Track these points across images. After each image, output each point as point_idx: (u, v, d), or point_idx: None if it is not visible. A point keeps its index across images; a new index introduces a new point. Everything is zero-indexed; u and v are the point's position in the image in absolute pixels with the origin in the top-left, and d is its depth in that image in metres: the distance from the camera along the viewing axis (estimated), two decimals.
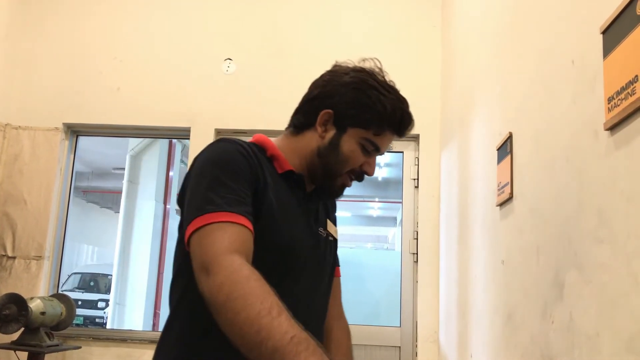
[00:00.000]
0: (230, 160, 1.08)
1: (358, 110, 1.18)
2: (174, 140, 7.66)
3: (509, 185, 1.78)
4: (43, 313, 2.83)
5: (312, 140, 1.21)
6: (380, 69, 1.23)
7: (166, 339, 1.14)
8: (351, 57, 1.29)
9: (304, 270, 1.17)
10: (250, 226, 1.02)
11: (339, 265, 1.38)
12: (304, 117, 1.23)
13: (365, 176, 1.25)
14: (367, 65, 1.23)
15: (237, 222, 1.00)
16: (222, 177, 1.05)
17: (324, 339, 1.26)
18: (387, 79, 1.23)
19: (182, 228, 1.09)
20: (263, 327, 0.84)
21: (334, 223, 1.36)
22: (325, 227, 1.28)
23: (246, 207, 1.04)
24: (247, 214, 1.03)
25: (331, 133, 1.19)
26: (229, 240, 0.97)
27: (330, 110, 1.19)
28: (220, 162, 1.08)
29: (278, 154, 1.20)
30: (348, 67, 1.23)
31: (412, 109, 1.26)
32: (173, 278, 1.18)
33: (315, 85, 1.25)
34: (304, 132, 1.23)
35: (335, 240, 1.33)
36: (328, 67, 1.30)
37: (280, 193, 1.15)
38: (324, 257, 1.26)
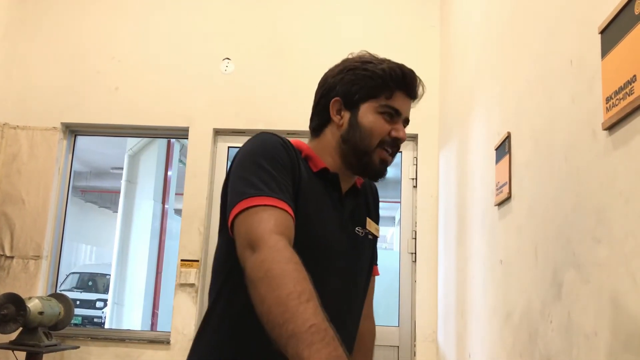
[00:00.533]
0: (273, 150, 1.11)
1: (361, 84, 1.21)
2: (173, 140, 7.65)
3: (507, 185, 1.78)
4: (41, 313, 2.83)
5: (333, 133, 1.24)
6: (369, 54, 1.27)
7: (207, 327, 1.17)
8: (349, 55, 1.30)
9: (337, 269, 1.18)
10: (292, 213, 1.04)
11: (376, 264, 1.40)
12: (318, 118, 1.27)
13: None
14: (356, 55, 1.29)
15: (281, 207, 1.02)
16: (265, 165, 1.08)
17: (354, 336, 1.27)
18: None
19: (225, 217, 1.11)
20: (288, 309, 0.85)
21: (376, 221, 1.36)
22: (364, 226, 1.28)
23: (288, 195, 1.06)
24: (289, 201, 1.05)
25: (347, 116, 1.22)
26: (275, 223, 0.99)
27: (337, 98, 1.23)
28: (264, 151, 1.11)
29: (312, 154, 1.23)
30: (337, 63, 1.29)
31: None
32: (214, 270, 1.21)
33: (316, 91, 1.30)
34: (324, 131, 1.26)
35: (375, 238, 1.34)
36: (325, 67, 1.32)
37: (316, 192, 1.17)
38: (359, 256, 1.26)
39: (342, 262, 1.19)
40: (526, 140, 1.65)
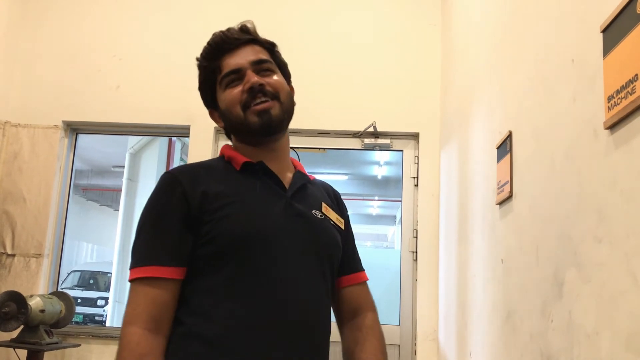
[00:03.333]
0: (154, 202, 1.17)
1: (202, 87, 1.33)
2: (174, 138, 7.66)
3: (509, 183, 1.78)
4: (42, 311, 2.83)
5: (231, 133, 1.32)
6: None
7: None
8: (350, 55, 1.30)
9: (291, 254, 1.16)
10: (167, 273, 1.10)
11: (362, 269, 1.38)
12: (223, 130, 1.34)
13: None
14: None
15: (150, 275, 1.09)
16: (145, 226, 1.15)
17: (323, 322, 1.21)
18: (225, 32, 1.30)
19: None
20: None
21: (341, 216, 1.35)
22: (320, 210, 1.27)
23: (167, 248, 1.12)
24: (164, 256, 1.11)
25: (219, 114, 1.30)
26: (133, 306, 1.08)
27: (208, 110, 1.35)
28: (147, 208, 1.17)
29: (232, 155, 1.26)
30: None
31: (412, 107, 1.28)
32: None
33: None
34: (231, 136, 1.33)
35: (342, 230, 1.32)
36: (327, 65, 1.34)
37: (244, 188, 1.19)
38: (320, 237, 1.23)
39: (296, 246, 1.17)
40: (527, 139, 1.65)
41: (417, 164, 3.42)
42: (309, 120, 3.40)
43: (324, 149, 3.55)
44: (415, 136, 3.44)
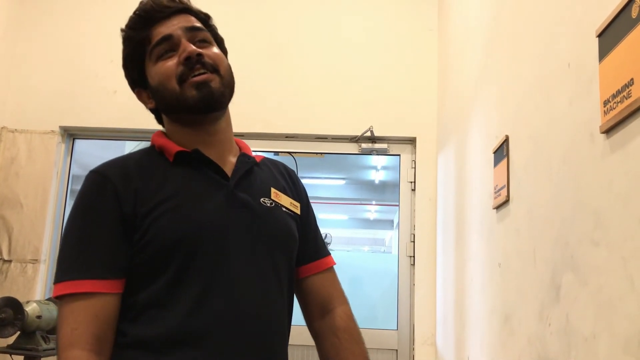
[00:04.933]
0: (82, 205, 1.06)
1: (128, 61, 1.18)
2: None
3: (506, 188, 1.79)
4: (39, 317, 2.82)
5: (162, 114, 1.21)
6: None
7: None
8: (347, 60, 1.30)
9: (231, 249, 1.07)
10: (105, 287, 1.01)
11: (329, 254, 1.29)
12: (152, 113, 1.25)
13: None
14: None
15: (86, 291, 1.00)
16: (74, 233, 1.04)
17: (278, 322, 1.12)
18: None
19: None
20: None
21: (297, 199, 1.25)
22: (269, 197, 1.16)
23: (101, 260, 1.02)
24: (101, 272, 1.01)
25: (149, 93, 1.19)
26: (73, 326, 0.98)
27: (135, 90, 1.22)
28: (74, 212, 1.06)
29: (164, 144, 1.14)
30: None
31: (409, 112, 1.27)
32: None
33: None
34: (163, 120, 1.22)
35: (296, 215, 1.22)
36: (325, 69, 1.32)
37: (176, 182, 1.08)
38: (265, 227, 1.12)
39: (242, 241, 1.08)
40: (524, 144, 1.66)
41: (414, 168, 3.42)
42: (306, 124, 3.40)
43: (321, 153, 3.56)
44: (412, 141, 3.45)
